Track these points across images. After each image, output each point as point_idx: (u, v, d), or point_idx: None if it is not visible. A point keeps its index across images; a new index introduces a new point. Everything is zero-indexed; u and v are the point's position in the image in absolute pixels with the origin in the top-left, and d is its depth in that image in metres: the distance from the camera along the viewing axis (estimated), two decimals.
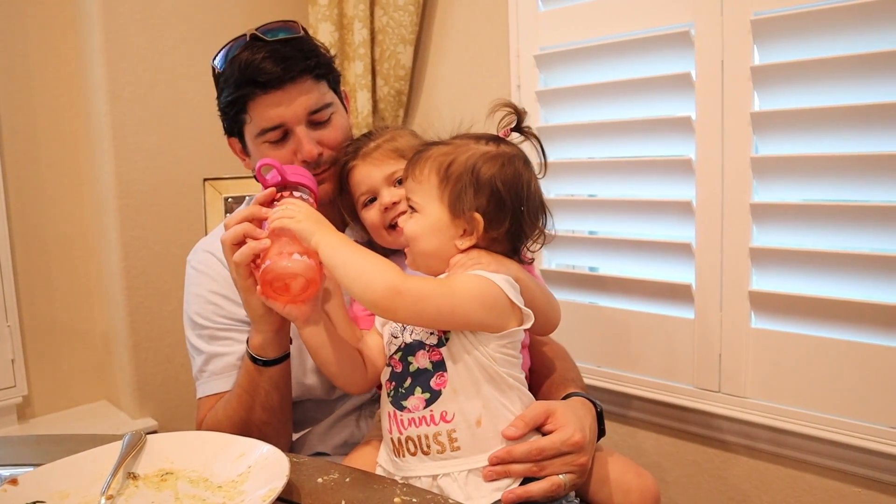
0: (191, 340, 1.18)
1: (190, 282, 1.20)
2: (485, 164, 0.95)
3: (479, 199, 0.94)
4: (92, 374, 2.06)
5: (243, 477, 0.82)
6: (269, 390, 1.04)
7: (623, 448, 1.63)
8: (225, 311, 1.15)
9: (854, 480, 1.31)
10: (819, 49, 1.25)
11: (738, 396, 1.42)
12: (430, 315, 0.88)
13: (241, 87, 1.09)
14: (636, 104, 1.50)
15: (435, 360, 0.92)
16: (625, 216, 1.55)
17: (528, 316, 0.93)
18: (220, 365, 1.14)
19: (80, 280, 2.02)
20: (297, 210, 0.93)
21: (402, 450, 0.93)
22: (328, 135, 1.14)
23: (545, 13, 1.66)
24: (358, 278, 0.87)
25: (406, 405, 0.93)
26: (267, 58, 1.07)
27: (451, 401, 0.91)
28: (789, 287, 1.33)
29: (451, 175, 0.95)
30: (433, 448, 0.91)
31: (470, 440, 0.91)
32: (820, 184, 1.28)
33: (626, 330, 1.58)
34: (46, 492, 0.80)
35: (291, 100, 1.09)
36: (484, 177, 0.94)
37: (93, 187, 1.96)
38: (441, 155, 0.97)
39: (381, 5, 1.91)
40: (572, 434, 0.93)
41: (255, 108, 1.10)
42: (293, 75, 1.08)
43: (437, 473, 0.90)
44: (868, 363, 1.24)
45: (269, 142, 1.12)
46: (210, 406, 1.13)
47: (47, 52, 1.90)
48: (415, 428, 0.92)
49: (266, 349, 1.02)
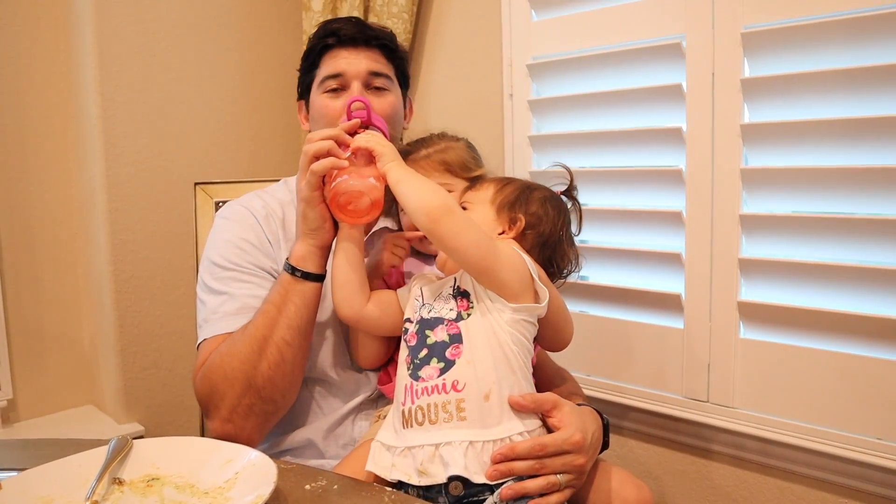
0: (207, 283, 1.19)
1: (218, 229, 1.24)
2: (538, 188, 1.11)
3: (527, 207, 1.06)
4: (78, 378, 2.04)
5: (230, 483, 0.82)
6: (298, 307, 1.06)
7: (612, 457, 1.63)
8: (252, 258, 1.19)
9: (840, 491, 1.31)
10: (808, 62, 1.26)
11: (727, 406, 1.42)
12: (466, 242, 0.94)
13: (322, 39, 1.24)
14: (627, 114, 1.51)
15: (452, 332, 0.97)
16: (615, 226, 1.56)
17: (542, 293, 0.99)
18: (235, 305, 1.15)
19: (67, 283, 2.00)
20: (381, 138, 1.05)
21: (410, 420, 0.95)
22: (379, 104, 1.22)
23: (538, 23, 1.67)
24: (418, 191, 0.96)
25: (421, 375, 0.96)
26: (351, 21, 1.26)
27: (464, 371, 0.94)
28: (777, 298, 1.34)
29: (507, 187, 1.08)
30: (440, 416, 0.93)
31: (476, 412, 0.93)
32: (808, 195, 1.29)
33: (616, 339, 1.59)
34: (30, 497, 0.79)
35: (358, 58, 1.23)
36: (535, 195, 1.08)
37: (82, 190, 1.95)
38: (503, 178, 1.12)
39: (374, 12, 1.92)
40: (573, 433, 0.96)
41: (327, 58, 1.24)
42: (367, 38, 1.24)
43: (440, 442, 0.92)
44: (855, 374, 1.25)
45: (326, 90, 1.23)
46: (215, 346, 1.12)
47: (38, 52, 1.89)
48: (427, 396, 0.95)
49: (307, 262, 1.06)
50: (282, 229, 1.24)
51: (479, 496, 0.91)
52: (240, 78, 2.08)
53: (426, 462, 0.91)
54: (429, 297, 1.03)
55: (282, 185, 1.33)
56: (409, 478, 0.92)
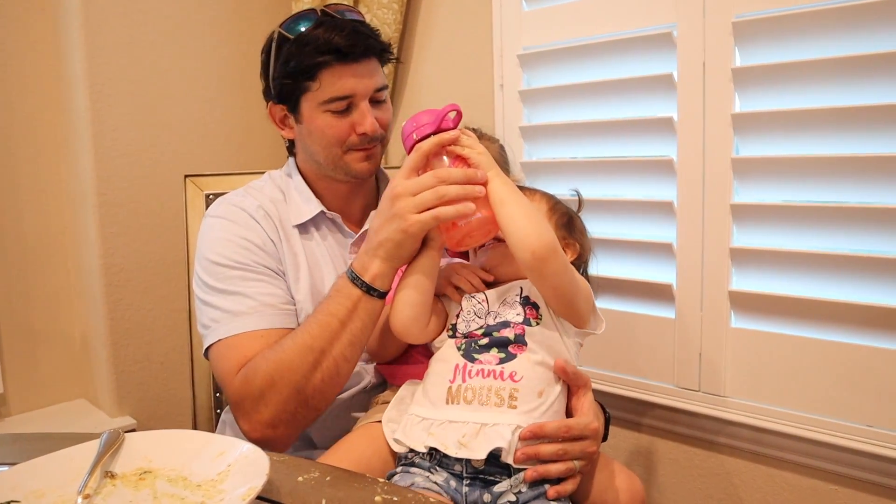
0: (211, 284, 1.16)
1: (213, 228, 1.21)
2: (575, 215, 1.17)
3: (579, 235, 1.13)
4: (70, 371, 2.03)
5: (223, 476, 0.82)
6: (365, 323, 1.05)
7: (604, 446, 1.63)
8: (257, 258, 1.18)
9: (831, 478, 1.32)
10: (799, 52, 1.26)
11: (718, 395, 1.43)
12: (566, 282, 0.98)
13: (320, 55, 1.14)
14: (618, 104, 1.51)
15: (518, 332, 1.00)
16: (606, 216, 1.56)
17: (600, 321, 1.05)
18: (252, 304, 1.13)
19: (58, 277, 1.99)
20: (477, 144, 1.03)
21: (457, 398, 0.97)
22: (382, 115, 1.21)
23: (529, 13, 1.66)
24: (525, 221, 0.95)
25: (478, 358, 0.99)
26: (345, 32, 1.15)
27: (524, 366, 0.97)
28: (768, 287, 1.34)
29: (557, 206, 1.14)
30: (492, 400, 0.95)
31: (527, 404, 0.96)
32: (799, 185, 1.29)
33: (608, 329, 1.58)
34: (22, 491, 0.79)
35: (364, 74, 1.17)
36: (577, 224, 1.15)
37: (71, 183, 1.94)
38: (546, 193, 1.16)
39: (364, 3, 1.91)
40: (591, 421, 0.99)
41: (328, 76, 1.16)
42: (368, 52, 1.17)
43: (489, 423, 0.94)
44: (846, 362, 1.26)
45: (333, 111, 1.17)
46: (242, 345, 1.10)
47: (25, 45, 1.88)
48: (481, 378, 0.97)
49: (383, 280, 1.04)
50: (280, 229, 1.22)
51: (494, 476, 0.94)
52: (229, 70, 2.07)
53: (470, 436, 0.93)
54: (494, 304, 1.04)
55: (268, 181, 1.30)
56: (445, 448, 0.93)
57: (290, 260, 1.21)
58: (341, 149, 1.19)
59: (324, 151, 1.21)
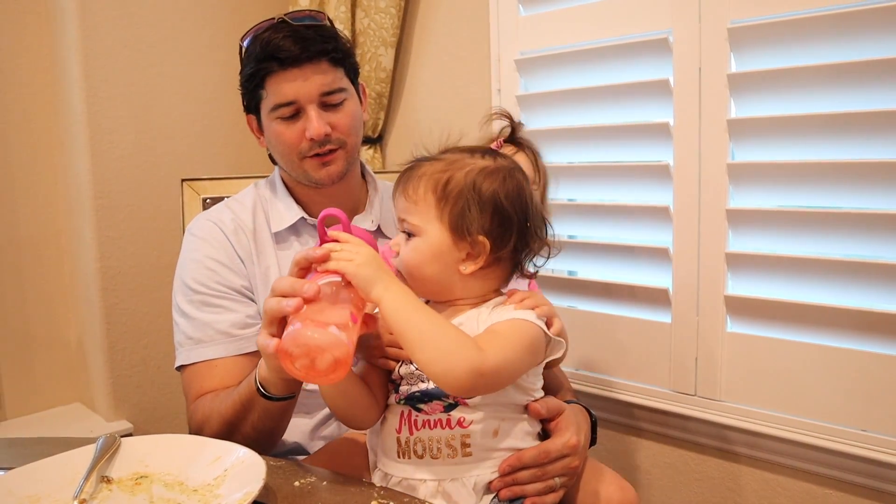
0: (180, 306, 1.18)
1: (188, 248, 1.21)
2: (485, 179, 0.88)
3: (484, 219, 0.87)
4: (66, 375, 2.03)
5: (219, 480, 0.82)
6: (262, 416, 1.01)
7: (599, 451, 1.64)
8: (220, 278, 1.17)
9: (825, 482, 1.33)
10: (795, 58, 1.27)
11: (714, 400, 1.43)
12: (508, 377, 0.86)
13: (261, 62, 1.14)
14: (615, 109, 1.51)
15: None
16: (603, 220, 1.56)
17: (558, 345, 0.92)
18: (205, 333, 1.14)
19: (53, 280, 1.99)
20: (359, 252, 0.83)
21: (408, 452, 0.90)
22: (338, 119, 1.17)
23: (526, 18, 1.67)
24: (437, 360, 0.79)
25: (423, 407, 0.89)
26: (288, 37, 1.13)
27: (472, 411, 0.89)
28: (764, 292, 1.35)
29: (451, 193, 0.87)
30: (444, 452, 0.88)
31: (482, 448, 0.89)
32: (795, 190, 1.30)
33: (604, 334, 1.60)
34: (18, 496, 0.79)
35: (306, 78, 1.13)
36: (486, 194, 0.87)
37: (68, 186, 1.94)
38: (436, 172, 0.89)
39: (362, 7, 1.91)
40: (570, 437, 0.96)
41: (272, 83, 1.14)
42: (310, 55, 1.13)
43: (444, 478, 0.88)
44: (840, 367, 1.26)
45: (280, 118, 1.16)
46: (201, 374, 1.13)
47: (21, 47, 1.87)
48: (428, 430, 0.89)
49: (270, 387, 0.97)
50: (253, 242, 1.21)
51: None
52: (226, 73, 2.06)
53: (429, 497, 0.88)
54: None
55: (252, 190, 1.29)
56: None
57: (261, 276, 1.20)
58: (297, 156, 1.17)
59: (283, 159, 1.20)
